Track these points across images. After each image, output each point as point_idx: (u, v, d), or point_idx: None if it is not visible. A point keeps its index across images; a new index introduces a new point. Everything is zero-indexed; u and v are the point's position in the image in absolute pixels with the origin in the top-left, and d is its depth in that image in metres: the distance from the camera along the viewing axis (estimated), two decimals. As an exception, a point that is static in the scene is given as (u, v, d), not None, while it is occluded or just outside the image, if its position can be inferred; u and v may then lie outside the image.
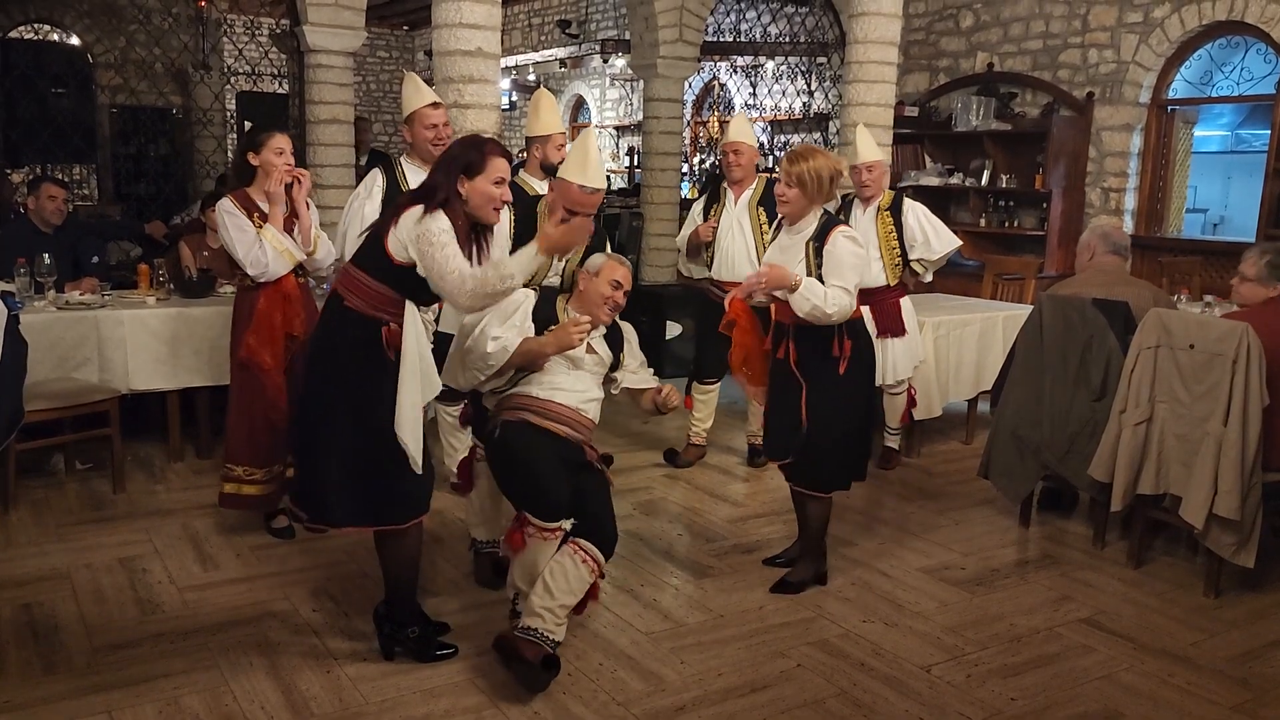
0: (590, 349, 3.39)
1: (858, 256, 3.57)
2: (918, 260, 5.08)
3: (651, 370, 3.68)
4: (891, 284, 5.05)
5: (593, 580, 3.15)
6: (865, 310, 5.08)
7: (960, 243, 5.20)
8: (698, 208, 5.23)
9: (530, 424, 3.27)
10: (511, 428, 3.27)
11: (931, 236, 5.04)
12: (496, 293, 2.87)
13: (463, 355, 3.36)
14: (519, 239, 3.57)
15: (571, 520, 3.14)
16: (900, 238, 5.02)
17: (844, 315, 3.52)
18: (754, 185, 5.08)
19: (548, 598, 3.05)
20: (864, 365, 3.72)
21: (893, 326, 5.04)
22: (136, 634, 3.29)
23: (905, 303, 5.11)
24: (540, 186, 4.67)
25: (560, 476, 3.16)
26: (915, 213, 5.05)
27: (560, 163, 4.68)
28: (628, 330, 3.59)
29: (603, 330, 3.45)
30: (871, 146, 5.04)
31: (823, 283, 3.51)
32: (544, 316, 3.37)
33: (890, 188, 5.27)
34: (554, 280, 3.68)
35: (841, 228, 3.59)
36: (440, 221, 2.82)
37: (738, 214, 5.04)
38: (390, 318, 2.92)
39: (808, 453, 3.65)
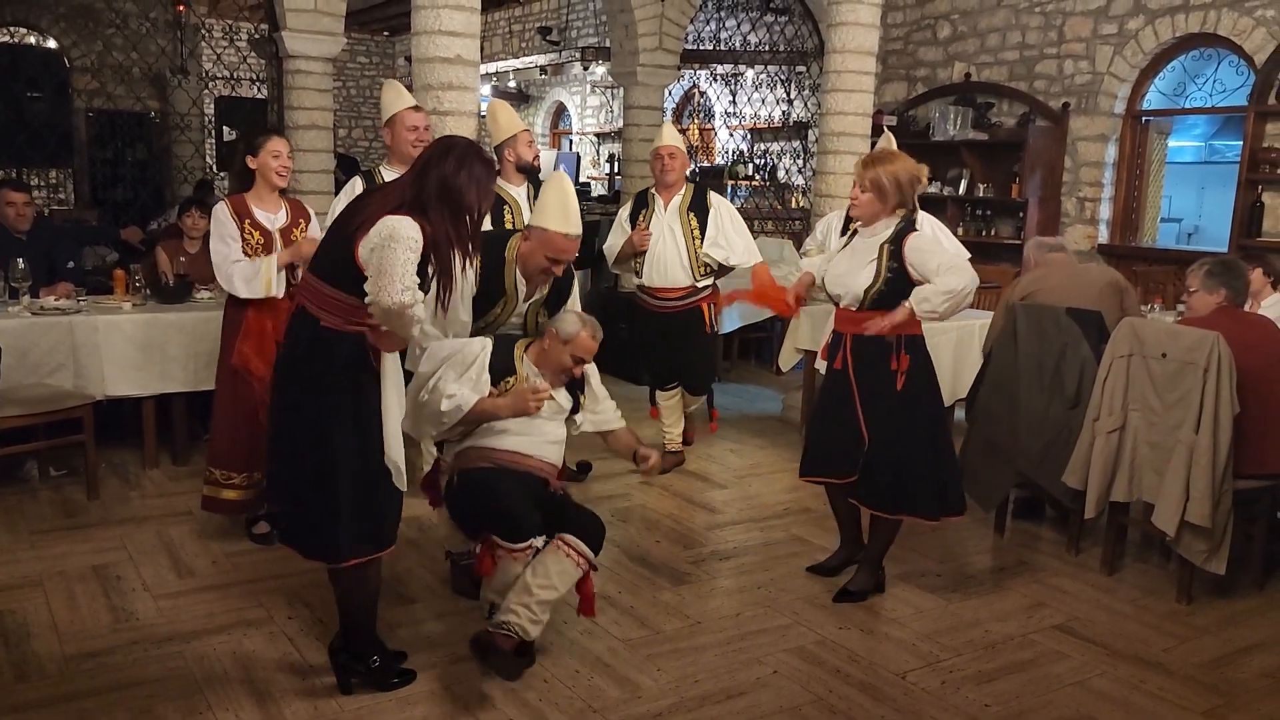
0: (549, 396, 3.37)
1: (939, 243, 3.52)
2: None
3: (616, 408, 3.66)
4: None
5: (580, 574, 3.13)
6: None
7: (969, 255, 5.22)
8: (624, 213, 5.22)
9: (490, 468, 3.27)
10: (468, 474, 3.28)
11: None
12: (405, 328, 2.69)
13: (416, 406, 3.31)
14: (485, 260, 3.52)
15: (544, 537, 3.13)
16: None
17: (970, 288, 3.33)
18: (683, 191, 5.10)
19: (524, 594, 3.05)
20: (925, 384, 3.59)
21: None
22: (110, 642, 3.27)
23: None
24: (517, 192, 4.69)
25: (525, 497, 3.16)
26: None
27: (535, 159, 4.71)
28: (589, 369, 3.53)
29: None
30: None
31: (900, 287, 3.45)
32: (502, 367, 3.33)
33: None
34: (516, 322, 3.65)
35: (917, 232, 3.50)
36: (415, 230, 2.68)
37: (668, 219, 5.06)
38: (370, 329, 2.81)
39: (870, 470, 3.56)
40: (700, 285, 5.13)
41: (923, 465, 3.57)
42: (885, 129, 5.69)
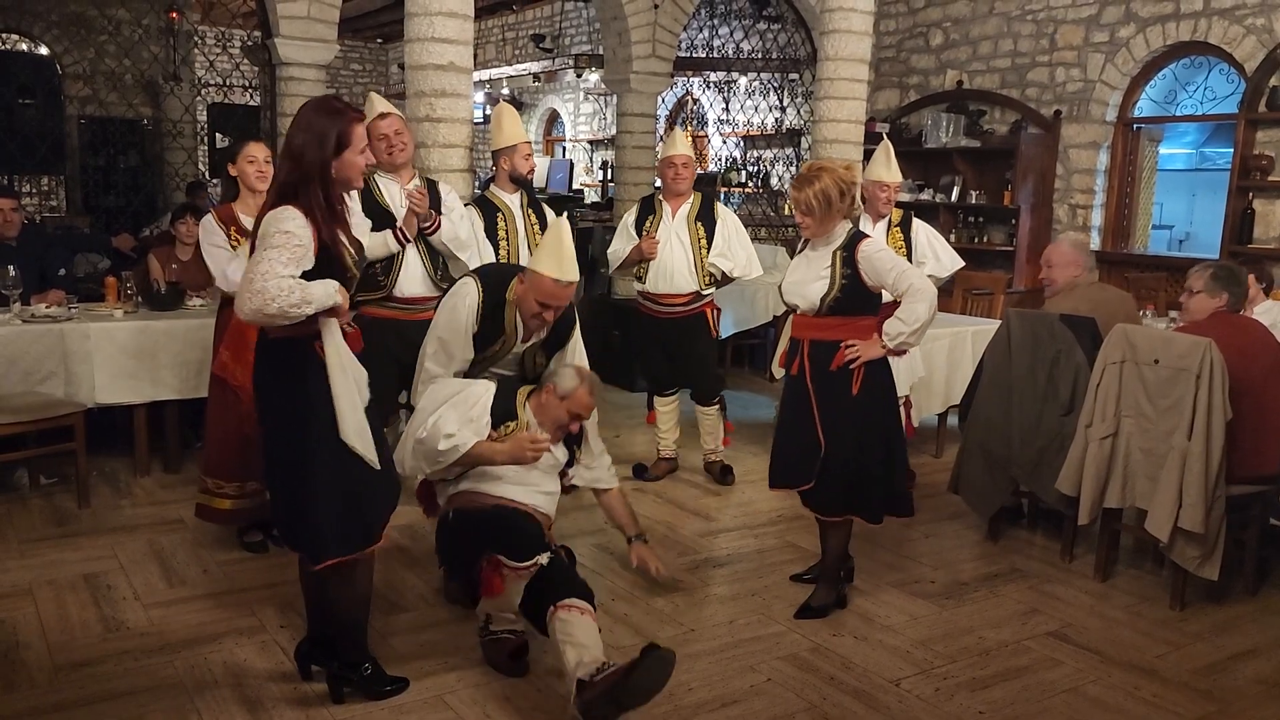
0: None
1: (891, 254, 3.55)
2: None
3: (611, 466, 3.64)
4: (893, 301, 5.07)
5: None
6: None
7: (963, 262, 5.22)
8: (630, 220, 5.18)
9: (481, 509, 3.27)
10: (464, 511, 3.27)
11: (942, 253, 5.08)
12: (285, 314, 2.55)
13: (413, 442, 3.30)
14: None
15: (549, 554, 3.09)
16: (910, 255, 5.04)
17: (932, 295, 3.43)
18: (691, 199, 5.10)
19: (584, 651, 2.84)
20: (881, 387, 3.60)
21: None
22: (100, 651, 3.25)
23: None
24: (510, 200, 4.68)
25: (525, 516, 3.15)
26: (925, 231, 5.09)
27: (529, 172, 4.71)
28: (587, 424, 3.52)
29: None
30: (895, 168, 5.05)
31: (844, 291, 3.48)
32: (502, 410, 3.32)
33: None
34: (511, 360, 3.63)
35: (868, 239, 3.55)
36: (293, 222, 2.61)
37: (676, 228, 5.05)
38: (314, 329, 2.73)
39: (823, 474, 3.57)
40: (704, 292, 5.14)
41: (876, 470, 3.59)
42: (884, 136, 5.70)
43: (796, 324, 3.67)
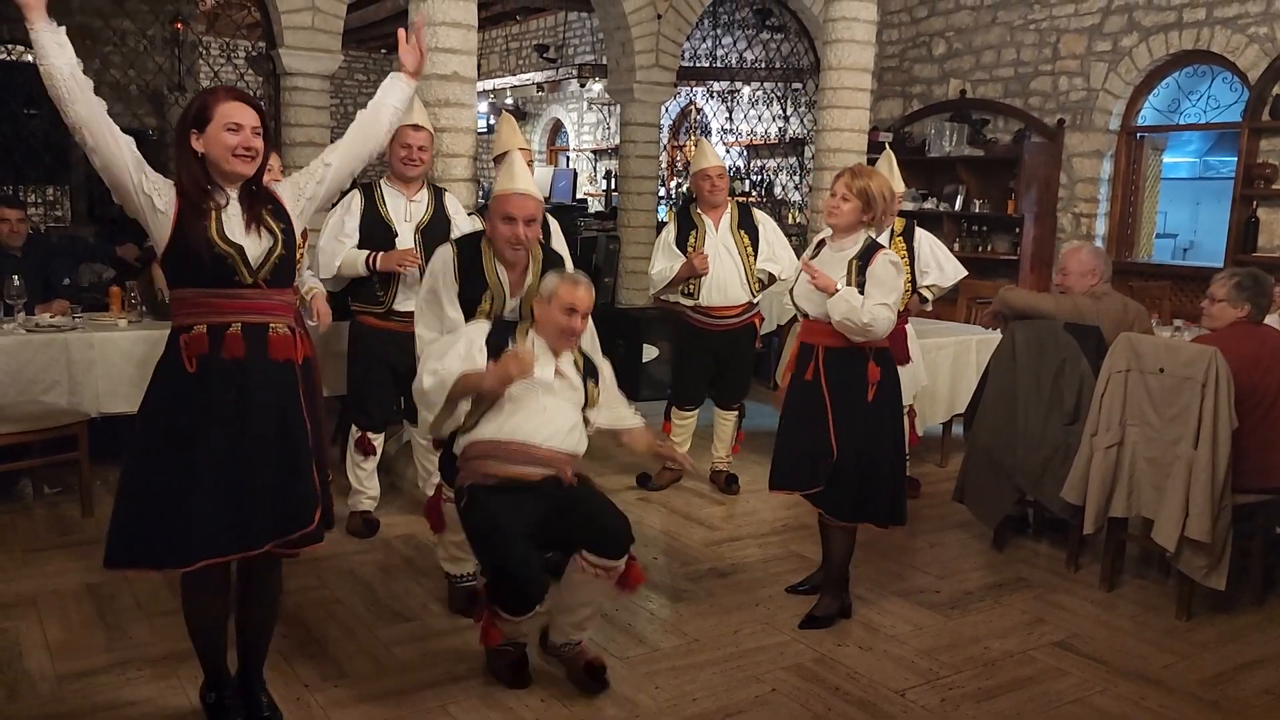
0: (559, 372, 3.25)
1: (898, 279, 3.55)
2: (928, 286, 5.07)
3: (633, 407, 3.57)
4: (901, 309, 5.06)
5: (611, 583, 3.14)
6: None
7: (966, 272, 5.21)
8: (669, 238, 5.12)
9: (497, 490, 3.11)
10: (477, 504, 3.10)
11: (945, 263, 5.07)
12: None
13: (417, 396, 3.23)
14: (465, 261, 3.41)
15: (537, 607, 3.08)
16: (912, 264, 5.03)
17: (880, 331, 3.46)
18: (729, 209, 5.10)
19: (569, 615, 3.19)
20: (892, 396, 3.64)
21: (899, 353, 5.02)
22: (103, 661, 3.24)
23: (909, 329, 5.09)
24: None
25: (532, 560, 3.03)
26: (928, 240, 5.08)
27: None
28: (604, 367, 3.46)
29: (572, 357, 3.31)
30: (898, 177, 5.05)
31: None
32: (500, 344, 3.21)
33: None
34: (512, 318, 3.52)
35: (885, 250, 3.57)
36: (159, 183, 2.61)
37: (722, 240, 5.05)
38: (181, 323, 2.67)
39: (835, 479, 3.57)
40: (756, 300, 5.16)
41: (885, 475, 3.62)
42: (886, 146, 5.70)
43: (808, 330, 3.66)
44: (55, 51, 2.55)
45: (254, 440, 2.62)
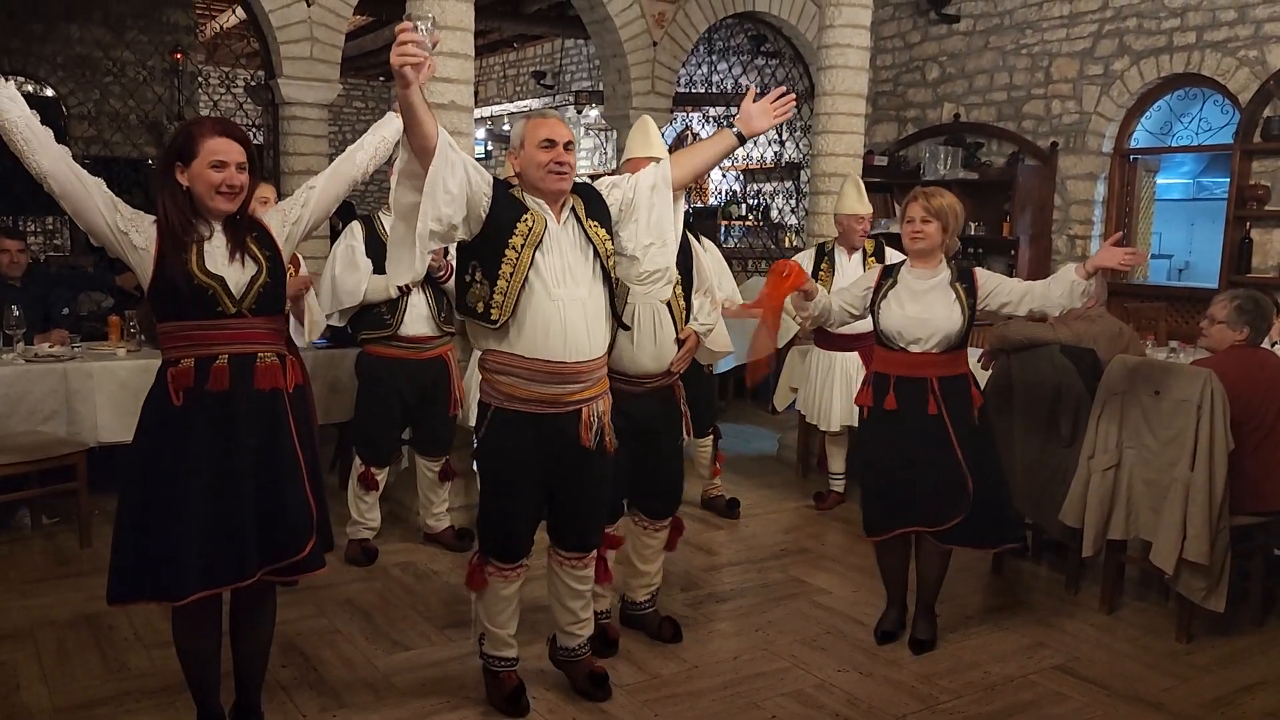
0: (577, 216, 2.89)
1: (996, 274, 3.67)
2: None
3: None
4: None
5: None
6: (855, 355, 5.14)
7: None
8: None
9: (515, 429, 2.90)
10: (493, 446, 2.95)
11: None
12: None
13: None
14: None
15: (524, 563, 3.11)
16: None
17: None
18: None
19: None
20: (985, 418, 3.71)
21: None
22: (101, 693, 3.23)
23: None
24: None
25: (532, 516, 3.06)
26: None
27: None
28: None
29: (575, 205, 2.94)
30: (866, 200, 5.24)
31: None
32: (505, 210, 2.86)
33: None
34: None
35: (978, 267, 3.67)
36: (138, 221, 2.61)
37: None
38: (169, 357, 2.64)
39: (976, 508, 3.54)
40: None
41: (1007, 493, 3.75)
42: (851, 176, 5.70)
43: (908, 362, 3.56)
44: (6, 105, 2.56)
45: (242, 471, 2.60)
